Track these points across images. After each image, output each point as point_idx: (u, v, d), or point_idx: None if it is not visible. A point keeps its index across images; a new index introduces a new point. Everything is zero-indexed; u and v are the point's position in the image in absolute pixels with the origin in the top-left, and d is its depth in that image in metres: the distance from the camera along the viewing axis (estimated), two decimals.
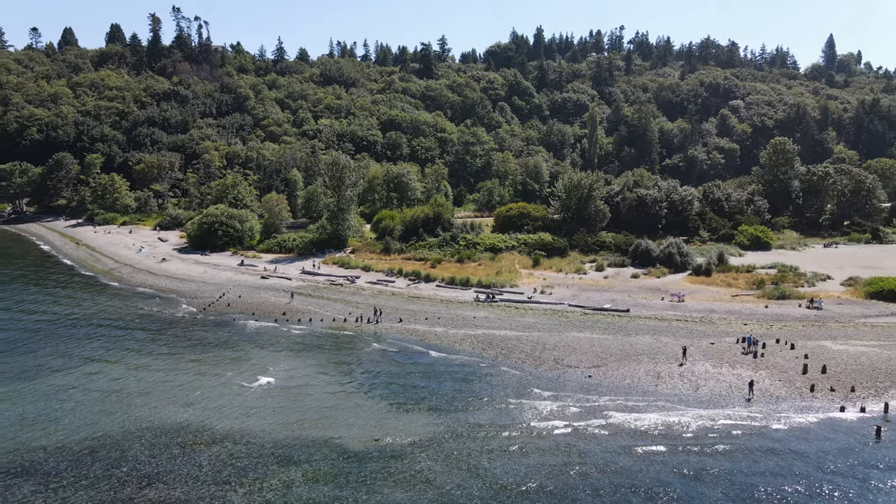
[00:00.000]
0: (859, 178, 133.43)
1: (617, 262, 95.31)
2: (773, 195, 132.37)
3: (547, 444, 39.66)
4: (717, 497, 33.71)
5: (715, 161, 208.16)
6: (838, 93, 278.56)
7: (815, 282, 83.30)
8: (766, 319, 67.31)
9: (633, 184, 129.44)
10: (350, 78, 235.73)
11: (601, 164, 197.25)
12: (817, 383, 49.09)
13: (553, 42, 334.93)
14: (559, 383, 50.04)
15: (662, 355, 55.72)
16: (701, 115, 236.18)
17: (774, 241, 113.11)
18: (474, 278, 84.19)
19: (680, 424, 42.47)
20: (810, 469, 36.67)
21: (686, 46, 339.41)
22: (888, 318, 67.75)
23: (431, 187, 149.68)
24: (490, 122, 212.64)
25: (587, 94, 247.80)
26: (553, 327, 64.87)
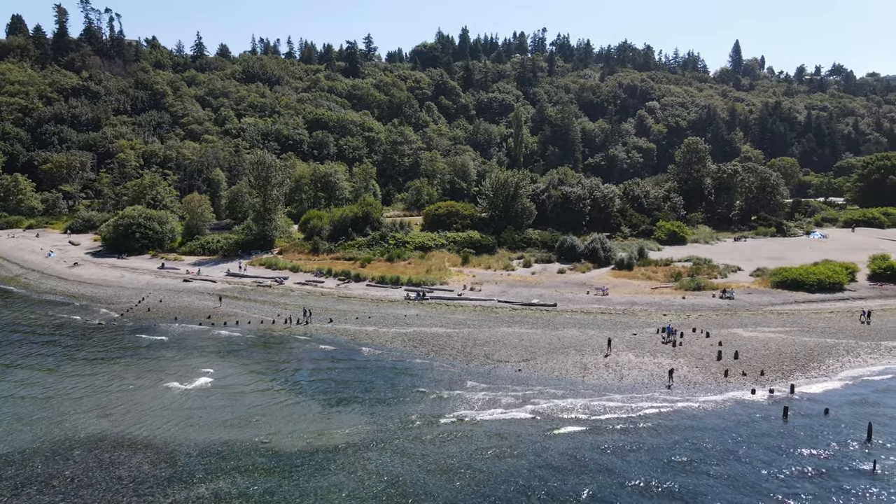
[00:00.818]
0: (764, 175, 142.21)
1: (544, 258, 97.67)
2: (687, 192, 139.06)
3: (480, 436, 40.27)
4: (641, 474, 35.25)
5: (634, 160, 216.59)
6: (744, 95, 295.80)
7: (726, 273, 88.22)
8: (683, 310, 70.74)
9: (557, 182, 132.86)
10: (274, 76, 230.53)
11: (527, 163, 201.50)
12: (731, 368, 52.03)
13: (478, 43, 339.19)
14: (490, 378, 50.88)
15: (589, 347, 57.60)
16: (620, 115, 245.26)
17: (690, 236, 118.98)
18: (404, 277, 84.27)
19: (606, 412, 44.09)
20: (725, 447, 38.89)
21: (605, 49, 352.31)
22: (792, 306, 72.66)
23: (360, 187, 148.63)
24: (417, 122, 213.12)
25: (512, 95, 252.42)
26: (483, 323, 65.84)
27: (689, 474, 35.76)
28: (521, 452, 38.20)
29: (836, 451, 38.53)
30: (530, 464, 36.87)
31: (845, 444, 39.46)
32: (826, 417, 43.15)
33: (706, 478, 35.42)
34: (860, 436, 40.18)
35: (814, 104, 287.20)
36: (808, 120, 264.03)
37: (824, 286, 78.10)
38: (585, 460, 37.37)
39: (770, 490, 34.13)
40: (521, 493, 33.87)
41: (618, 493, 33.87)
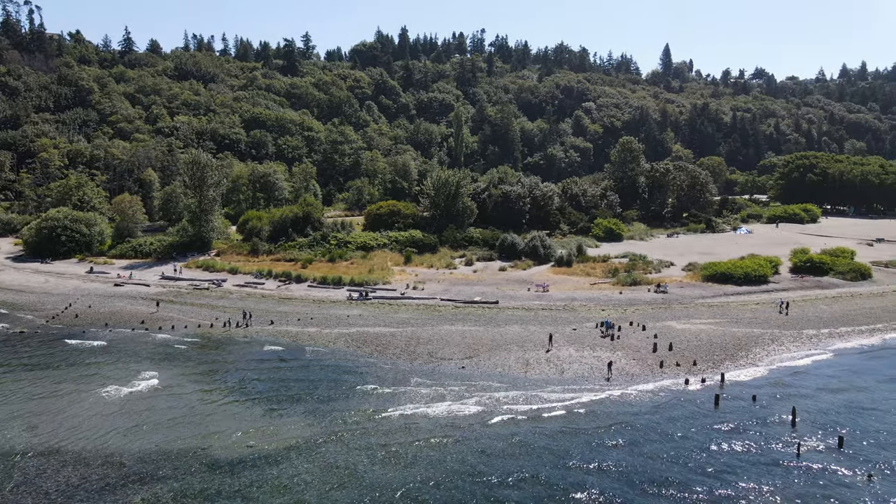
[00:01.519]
0: (694, 174, 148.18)
1: (485, 256, 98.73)
2: (623, 190, 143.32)
3: (425, 433, 40.37)
4: (582, 459, 36.18)
5: (572, 159, 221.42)
6: (675, 97, 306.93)
7: (660, 268, 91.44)
8: (620, 304, 72.91)
9: (497, 181, 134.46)
10: (209, 73, 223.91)
11: (467, 162, 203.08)
12: (665, 360, 54.01)
13: (418, 42, 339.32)
14: (434, 375, 51.09)
15: (530, 343, 58.61)
16: (558, 115, 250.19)
17: (626, 233, 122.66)
18: (346, 277, 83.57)
19: (548, 404, 44.97)
20: (660, 434, 40.36)
21: (542, 51, 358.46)
22: (721, 298, 76.02)
23: (300, 186, 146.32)
24: (358, 121, 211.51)
25: (452, 94, 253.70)
26: (426, 322, 66.01)
27: (627, 459, 36.92)
28: (466, 447, 38.56)
29: (763, 435, 40.55)
30: (476, 457, 37.26)
31: (772, 428, 41.59)
32: (754, 403, 45.35)
33: (642, 462, 36.66)
34: (785, 420, 42.41)
35: (738, 106, 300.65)
36: (734, 121, 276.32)
37: (751, 279, 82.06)
38: (529, 449, 38.07)
39: (702, 473, 35.62)
40: (467, 484, 34.18)
41: (561, 476, 34.64)
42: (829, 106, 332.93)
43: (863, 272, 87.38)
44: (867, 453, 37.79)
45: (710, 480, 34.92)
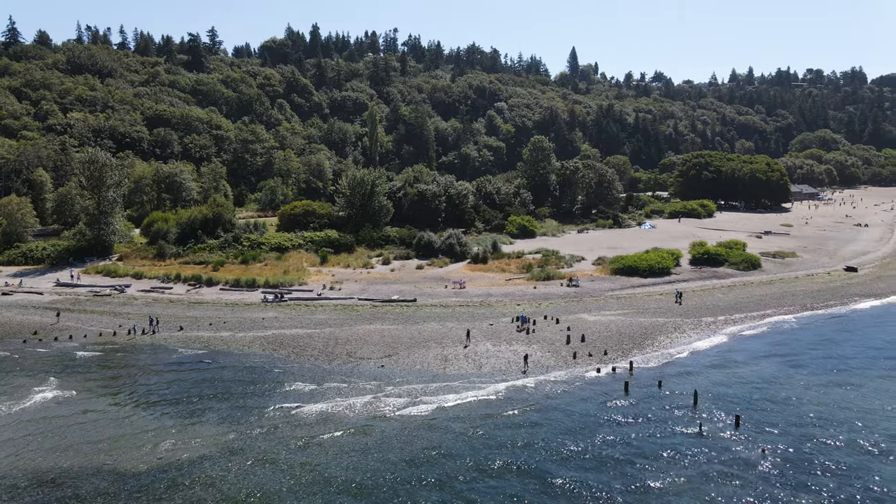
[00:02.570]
0: (602, 172, 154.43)
1: (402, 254, 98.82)
2: (535, 188, 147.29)
3: (344, 434, 40.04)
4: (501, 449, 37.04)
5: (485, 158, 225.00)
6: (582, 98, 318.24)
7: (572, 263, 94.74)
8: (535, 299, 74.99)
9: (413, 180, 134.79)
10: (106, 67, 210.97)
11: (382, 162, 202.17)
12: (578, 351, 56.10)
13: (330, 40, 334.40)
14: (353, 376, 50.70)
15: (449, 339, 59.26)
16: (471, 115, 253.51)
17: (539, 230, 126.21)
18: (261, 279, 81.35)
19: (467, 399, 45.68)
20: (574, 421, 41.94)
21: (455, 51, 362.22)
22: (629, 290, 79.71)
23: (209, 187, 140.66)
24: (269, 120, 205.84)
25: (366, 93, 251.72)
26: (344, 322, 65.37)
27: (542, 447, 38.13)
28: (386, 445, 38.58)
29: (668, 417, 42.97)
30: (397, 455, 37.35)
31: (676, 411, 44.12)
32: (660, 388, 47.92)
33: (557, 448, 37.98)
34: (688, 403, 45.10)
35: (640, 107, 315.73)
36: (637, 121, 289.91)
37: (655, 271, 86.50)
38: (448, 443, 38.55)
39: (614, 455, 37.33)
40: (387, 479, 34.22)
41: (479, 467, 35.31)
42: (721, 108, 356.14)
43: (753, 262, 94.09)
44: (760, 431, 40.79)
45: (621, 462, 36.65)
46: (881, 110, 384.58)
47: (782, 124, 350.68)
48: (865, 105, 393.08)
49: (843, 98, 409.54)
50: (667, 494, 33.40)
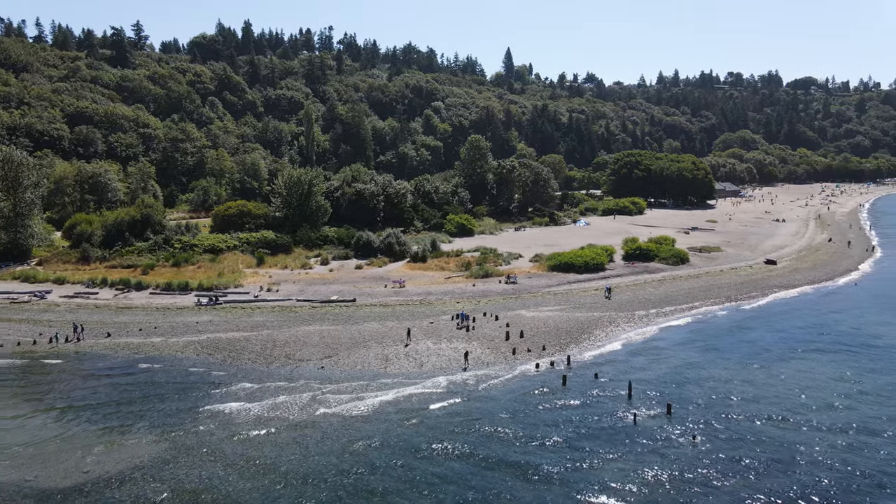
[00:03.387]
0: (538, 171, 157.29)
1: (341, 254, 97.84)
2: (473, 187, 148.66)
3: (283, 437, 39.37)
4: (442, 445, 37.32)
5: (423, 157, 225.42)
6: (517, 98, 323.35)
7: (510, 260, 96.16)
8: (474, 296, 75.73)
9: (351, 179, 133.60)
10: (20, 61, 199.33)
11: (319, 161, 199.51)
12: (517, 346, 57.00)
13: (263, 37, 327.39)
14: (293, 377, 49.88)
15: (389, 339, 59.12)
16: (408, 114, 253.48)
17: (477, 228, 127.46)
18: (194, 282, 78.84)
19: (408, 397, 45.71)
20: (514, 415, 42.63)
21: (391, 50, 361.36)
22: (565, 286, 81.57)
23: (137, 187, 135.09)
24: (200, 118, 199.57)
25: (301, 92, 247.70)
26: (283, 323, 64.21)
27: (483, 442, 38.62)
28: (326, 448, 38.18)
29: (604, 408, 44.28)
30: (338, 456, 37.02)
31: (612, 401, 45.51)
32: (596, 380, 49.30)
33: (497, 443, 38.55)
34: (623, 393, 46.58)
35: (574, 108, 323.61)
36: (570, 121, 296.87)
37: (590, 267, 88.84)
38: (392, 443, 38.51)
39: (552, 447, 38.20)
40: (329, 481, 33.89)
41: (420, 464, 35.44)
42: (650, 109, 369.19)
43: (682, 257, 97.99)
44: (691, 417, 42.60)
45: (559, 452, 37.53)
46: (795, 112, 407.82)
47: (706, 125, 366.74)
48: (781, 107, 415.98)
49: (761, 100, 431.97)
50: (603, 481, 34.44)
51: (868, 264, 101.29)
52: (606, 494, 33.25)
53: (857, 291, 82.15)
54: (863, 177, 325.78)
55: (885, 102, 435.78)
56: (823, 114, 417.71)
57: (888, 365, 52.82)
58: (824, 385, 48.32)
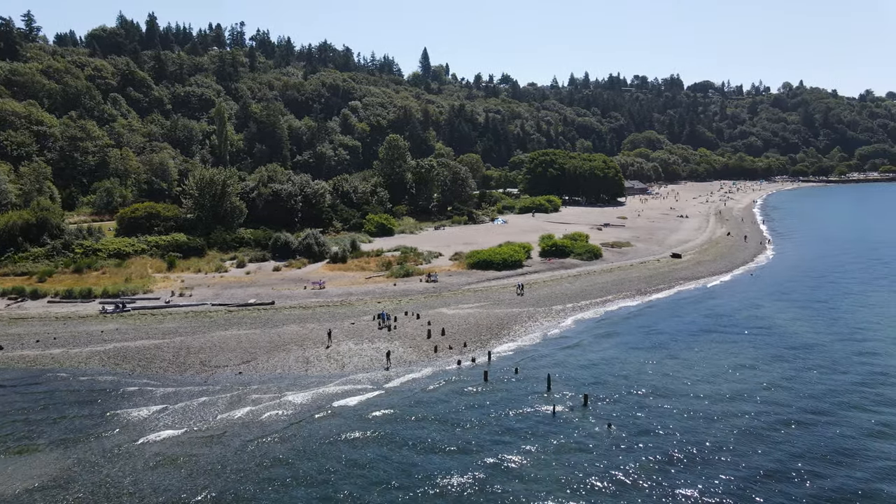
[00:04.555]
0: (456, 170, 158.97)
1: (258, 256, 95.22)
2: (392, 186, 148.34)
3: (197, 449, 37.94)
4: (362, 448, 37.13)
5: (341, 157, 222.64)
6: (435, 98, 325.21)
7: (430, 259, 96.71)
8: (395, 296, 75.66)
9: (267, 179, 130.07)
10: None
11: (234, 161, 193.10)
12: (439, 344, 57.44)
13: (169, 32, 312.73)
14: (208, 385, 48.13)
15: (310, 341, 58.15)
16: (325, 114, 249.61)
17: (397, 227, 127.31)
18: (98, 288, 74.50)
19: (329, 399, 45.15)
20: (438, 412, 43.00)
21: (306, 48, 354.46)
22: (485, 283, 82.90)
23: (31, 189, 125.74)
24: (102, 116, 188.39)
25: (212, 89, 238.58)
26: (197, 329, 61.80)
27: (407, 439, 38.73)
28: (245, 456, 37.13)
29: (525, 401, 45.37)
30: (257, 464, 36.10)
31: (532, 394, 46.71)
32: (517, 375, 50.42)
33: (422, 440, 38.78)
34: (542, 386, 47.88)
35: (490, 108, 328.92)
36: (487, 121, 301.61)
37: (508, 264, 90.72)
38: (313, 448, 37.92)
39: (476, 441, 38.80)
40: (249, 498, 33.01)
41: (346, 466, 35.14)
42: (563, 110, 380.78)
43: (596, 253, 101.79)
44: (606, 406, 44.38)
45: (482, 446, 38.18)
46: (696, 114, 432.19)
47: (615, 125, 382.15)
48: (683, 109, 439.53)
49: (664, 102, 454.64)
50: (525, 472, 35.33)
51: (762, 256, 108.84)
52: (527, 486, 34.14)
53: (753, 281, 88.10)
54: (756, 175, 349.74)
55: (774, 105, 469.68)
56: (720, 116, 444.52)
57: (782, 348, 57.00)
58: (726, 369, 51.55)
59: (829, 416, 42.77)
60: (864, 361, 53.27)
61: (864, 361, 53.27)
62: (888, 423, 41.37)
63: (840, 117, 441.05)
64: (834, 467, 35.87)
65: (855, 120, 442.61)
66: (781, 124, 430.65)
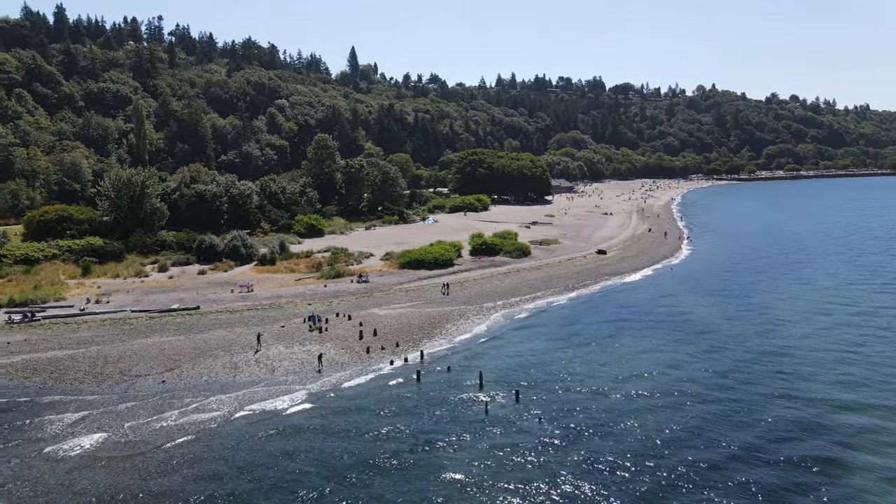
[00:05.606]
0: (386, 170, 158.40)
1: (182, 260, 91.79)
2: (321, 186, 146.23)
3: (116, 464, 36.28)
4: (298, 454, 36.54)
5: (268, 157, 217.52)
6: (363, 98, 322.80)
7: (361, 259, 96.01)
8: (326, 297, 74.69)
9: (190, 180, 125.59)
10: None
11: (153, 161, 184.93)
12: (371, 345, 57.14)
13: (80, 24, 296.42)
14: (128, 396, 46.03)
15: (238, 346, 56.61)
16: (251, 112, 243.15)
17: (327, 228, 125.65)
18: (3, 297, 69.79)
19: (259, 405, 44.13)
20: (372, 413, 42.81)
21: (230, 44, 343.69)
22: (416, 283, 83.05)
23: None
24: (6, 112, 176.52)
25: (129, 86, 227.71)
26: (115, 337, 58.97)
27: (341, 441, 38.37)
28: (170, 467, 35.79)
29: (458, 399, 45.79)
30: (182, 476, 34.87)
31: (464, 392, 47.17)
32: (449, 374, 50.81)
33: (357, 443, 38.50)
34: (475, 384, 48.42)
35: (419, 108, 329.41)
36: (416, 121, 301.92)
37: (439, 263, 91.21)
38: (240, 458, 36.95)
39: (412, 441, 38.86)
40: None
41: (276, 472, 34.47)
42: (491, 110, 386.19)
43: (524, 250, 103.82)
44: (537, 401, 45.33)
45: (415, 446, 38.28)
46: (618, 114, 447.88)
47: (542, 125, 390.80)
48: (606, 110, 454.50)
49: (588, 103, 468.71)
50: (458, 469, 35.68)
51: (680, 251, 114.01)
52: (461, 483, 34.49)
53: (672, 275, 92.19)
54: (674, 173, 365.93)
55: (689, 107, 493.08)
56: (640, 116, 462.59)
57: (698, 336, 59.94)
58: (647, 358, 53.72)
59: (734, 390, 46.33)
60: (769, 343, 56.75)
61: (768, 344, 56.74)
62: (785, 394, 44.32)
63: (749, 118, 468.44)
64: (735, 431, 38.53)
65: (762, 121, 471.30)
66: (696, 125, 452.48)
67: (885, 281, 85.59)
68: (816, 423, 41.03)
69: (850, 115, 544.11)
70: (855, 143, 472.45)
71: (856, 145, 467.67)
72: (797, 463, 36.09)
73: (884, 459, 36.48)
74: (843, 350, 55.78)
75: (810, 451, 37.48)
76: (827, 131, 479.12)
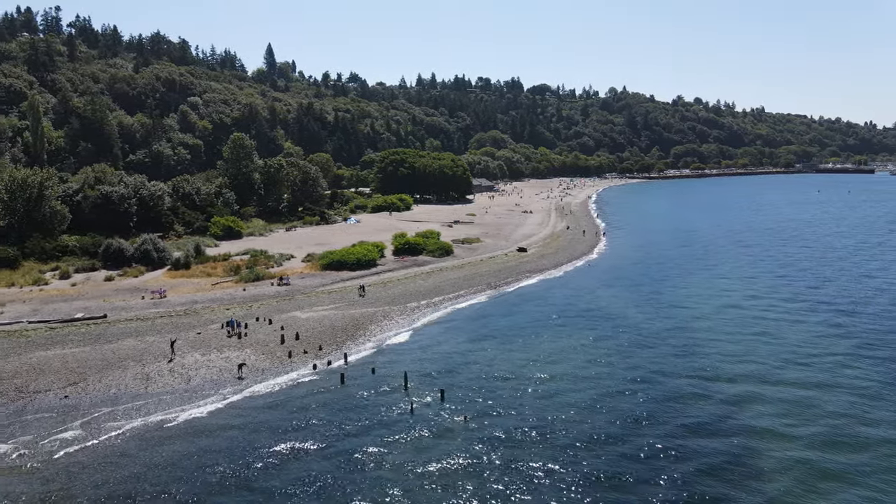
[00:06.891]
0: (306, 169, 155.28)
1: (86, 266, 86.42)
2: (238, 187, 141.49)
3: (14, 488, 33.77)
4: (214, 466, 35.15)
5: (181, 156, 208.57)
6: (282, 96, 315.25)
7: (282, 261, 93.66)
8: (245, 301, 72.31)
9: (95, 181, 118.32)
10: None
11: (53, 161, 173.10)
12: (294, 349, 55.78)
13: None
14: (25, 414, 42.74)
15: (150, 355, 53.88)
16: (161, 110, 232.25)
17: (245, 230, 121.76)
18: None
19: (171, 416, 42.16)
20: (295, 419, 41.73)
21: (136, 38, 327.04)
22: (339, 284, 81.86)
23: None
24: None
25: (23, 80, 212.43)
26: (10, 351, 54.72)
27: (260, 450, 37.23)
28: (75, 491, 33.58)
29: (383, 401, 45.41)
30: (88, 498, 32.79)
31: (390, 393, 46.85)
32: (374, 375, 50.29)
33: (274, 450, 37.45)
34: (399, 384, 48.16)
35: (339, 107, 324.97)
36: (336, 120, 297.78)
37: (362, 263, 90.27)
38: (152, 475, 35.14)
39: (332, 445, 38.15)
40: None
41: (190, 487, 33.02)
42: (412, 109, 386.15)
43: (447, 249, 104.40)
44: (462, 401, 45.55)
45: (340, 451, 37.62)
46: (535, 115, 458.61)
47: (462, 125, 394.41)
48: (524, 110, 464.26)
49: (507, 104, 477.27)
50: (383, 472, 35.37)
51: (597, 248, 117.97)
52: (385, 485, 34.17)
53: (591, 271, 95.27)
54: (589, 172, 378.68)
55: (603, 108, 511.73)
56: (557, 117, 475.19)
57: (614, 329, 62.16)
58: (567, 353, 55.17)
59: (650, 383, 47.94)
60: (679, 336, 59.63)
61: (679, 336, 59.61)
62: (698, 384, 46.71)
63: (657, 120, 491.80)
64: (656, 426, 39.88)
65: (670, 122, 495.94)
66: (609, 125, 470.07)
67: (782, 273, 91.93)
68: (723, 407, 43.42)
69: (747, 117, 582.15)
70: (752, 144, 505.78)
71: (753, 145, 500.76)
72: (711, 453, 38.01)
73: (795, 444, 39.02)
74: (748, 337, 59.38)
75: (723, 442, 39.57)
76: (727, 132, 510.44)
